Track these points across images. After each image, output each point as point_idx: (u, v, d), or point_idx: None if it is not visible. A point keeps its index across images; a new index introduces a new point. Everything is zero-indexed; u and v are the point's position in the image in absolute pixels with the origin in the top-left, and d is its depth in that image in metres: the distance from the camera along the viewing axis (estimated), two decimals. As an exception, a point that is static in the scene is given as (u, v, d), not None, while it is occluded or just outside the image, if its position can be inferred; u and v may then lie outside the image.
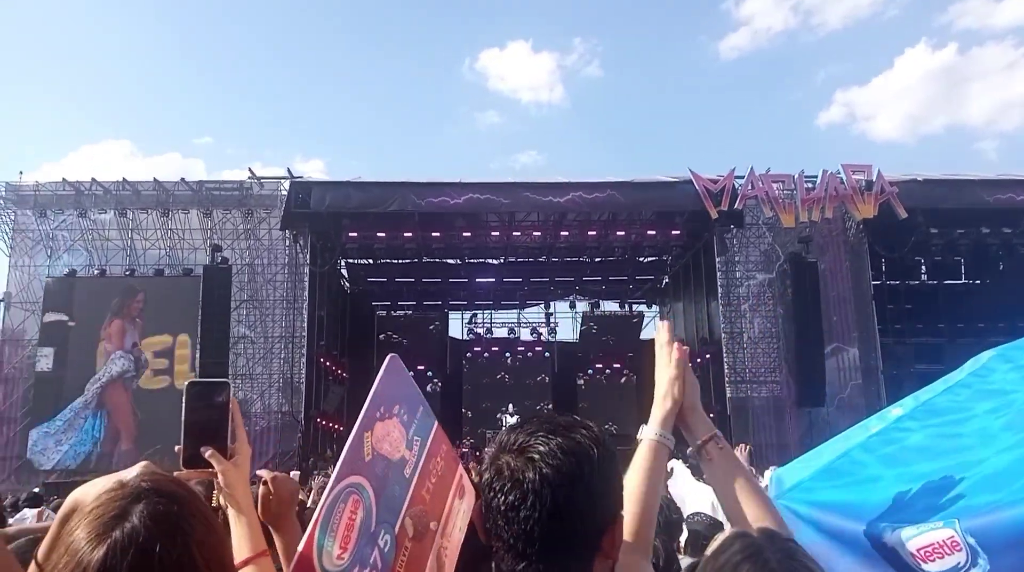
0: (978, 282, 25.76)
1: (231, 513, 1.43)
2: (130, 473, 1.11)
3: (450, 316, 30.53)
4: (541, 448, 1.16)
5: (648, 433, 1.65)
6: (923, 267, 25.67)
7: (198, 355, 20.12)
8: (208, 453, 1.39)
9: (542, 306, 30.73)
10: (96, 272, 21.65)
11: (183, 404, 1.41)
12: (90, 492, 1.08)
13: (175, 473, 1.39)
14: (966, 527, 1.57)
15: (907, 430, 2.07)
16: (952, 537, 1.58)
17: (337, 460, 1.36)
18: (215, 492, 1.43)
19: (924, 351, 23.99)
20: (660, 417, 1.68)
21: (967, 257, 25.10)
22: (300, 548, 1.23)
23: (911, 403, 2.29)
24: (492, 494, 1.17)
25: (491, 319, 31.01)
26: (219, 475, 1.40)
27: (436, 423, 1.66)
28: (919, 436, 2.02)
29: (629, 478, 1.55)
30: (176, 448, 1.40)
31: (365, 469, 1.37)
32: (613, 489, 1.23)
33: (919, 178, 21.52)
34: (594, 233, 23.21)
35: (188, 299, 20.52)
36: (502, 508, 1.15)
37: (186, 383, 1.45)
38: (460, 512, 1.66)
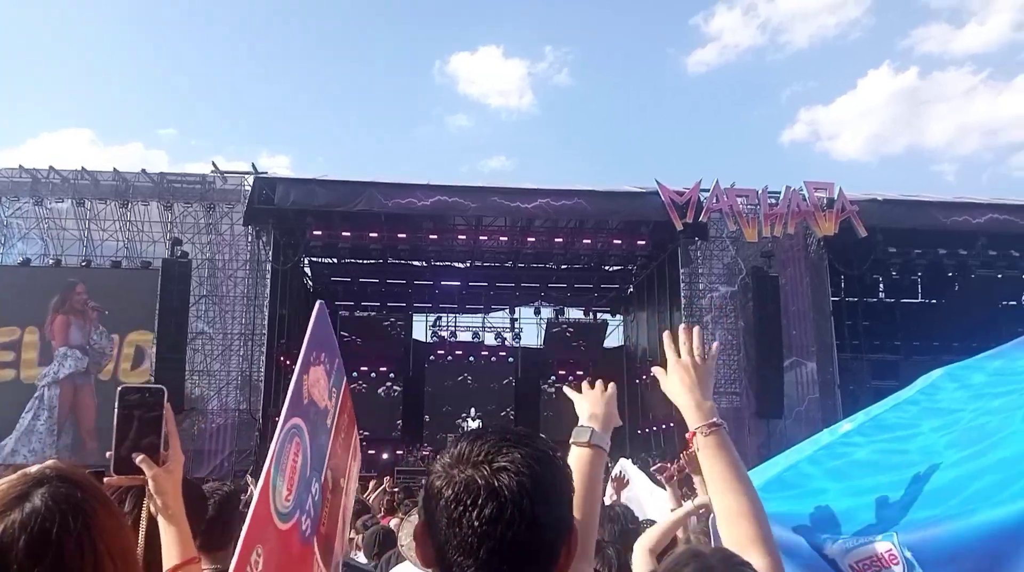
0: (934, 301, 26.38)
1: (160, 519, 1.41)
2: (36, 466, 1.11)
3: (414, 318, 30.42)
4: (510, 457, 1.14)
5: (593, 439, 1.66)
6: (881, 285, 26.19)
7: (154, 350, 19.73)
8: (139, 459, 1.37)
9: (507, 311, 30.74)
10: (51, 262, 21.14)
11: (115, 409, 1.39)
12: None
13: (106, 478, 1.37)
14: (904, 541, 1.59)
15: (854, 445, 2.09)
16: (890, 550, 1.60)
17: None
18: (146, 498, 1.41)
19: (880, 367, 24.50)
20: (603, 421, 1.72)
21: (924, 276, 25.67)
22: (259, 484, 1.23)
23: (861, 417, 2.32)
24: (461, 509, 1.11)
25: (455, 323, 30.94)
26: (150, 481, 1.38)
27: (345, 380, 1.67)
28: (865, 451, 2.04)
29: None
30: (107, 453, 1.38)
31: (303, 413, 1.37)
32: (570, 497, 1.22)
33: (879, 198, 21.96)
34: (560, 240, 23.28)
35: (144, 293, 20.10)
36: (475, 523, 1.10)
37: (119, 389, 1.42)
38: (354, 475, 1.68)
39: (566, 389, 1.94)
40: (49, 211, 21.34)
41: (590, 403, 1.75)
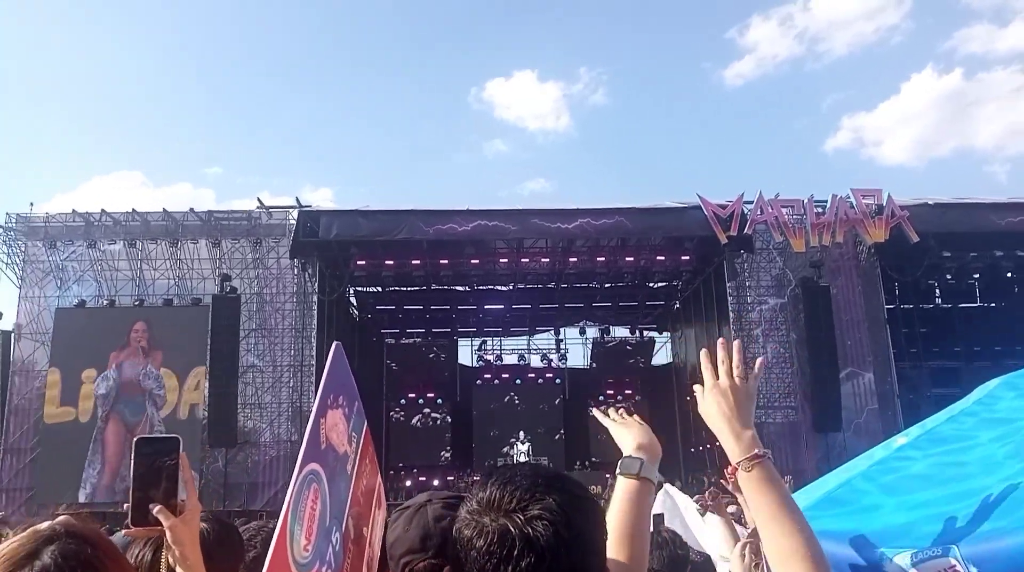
0: (993, 305, 25.55)
1: (179, 570, 1.40)
2: (46, 523, 1.11)
3: (459, 343, 30.49)
4: (545, 504, 1.10)
5: (643, 471, 1.57)
6: (937, 290, 25.50)
7: (207, 384, 20.11)
8: (156, 509, 1.35)
9: (552, 332, 30.63)
10: (105, 302, 21.75)
11: (131, 461, 1.39)
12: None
13: (123, 531, 1.36)
14: (967, 555, 1.49)
15: (909, 459, 2.00)
16: (954, 567, 1.50)
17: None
18: (164, 550, 1.40)
19: (940, 375, 23.74)
20: (650, 452, 1.62)
21: (981, 280, 24.94)
22: (276, 534, 1.19)
23: (916, 431, 2.21)
24: (495, 561, 1.07)
25: (501, 346, 30.94)
26: (167, 531, 1.36)
27: (366, 424, 1.62)
28: (921, 464, 1.94)
29: (618, 519, 1.46)
30: (124, 505, 1.38)
31: (321, 457, 1.34)
32: (604, 540, 1.18)
33: (930, 202, 21.42)
34: (603, 259, 23.18)
35: (198, 328, 20.54)
36: None
37: (134, 440, 1.42)
38: (379, 523, 1.60)
39: (597, 413, 1.82)
40: (102, 253, 22.00)
41: (635, 433, 1.65)
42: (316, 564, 1.26)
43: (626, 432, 1.66)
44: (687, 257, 23.11)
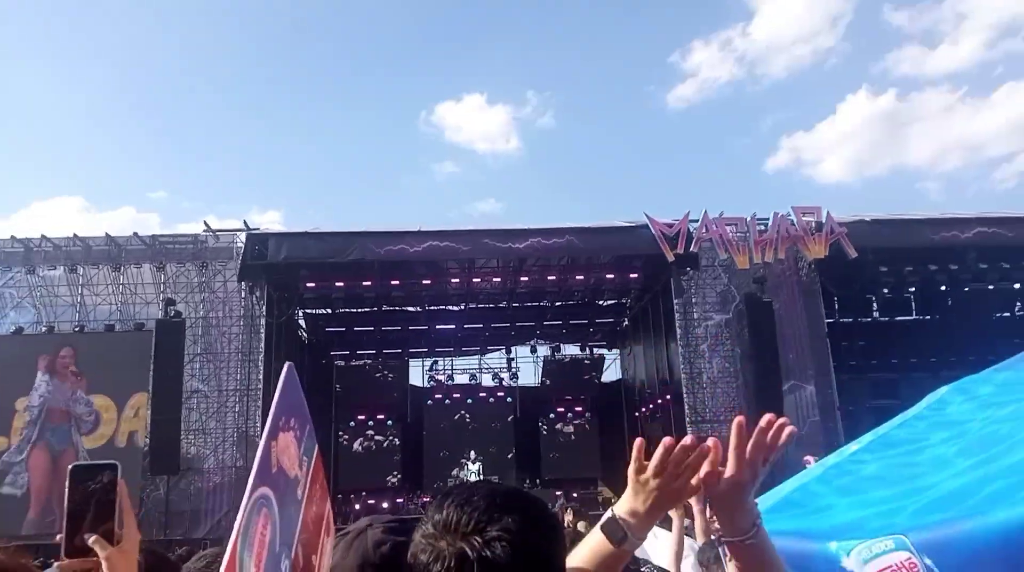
0: (928, 318, 26.45)
1: None
2: None
3: (410, 364, 30.25)
4: (503, 525, 1.07)
5: (624, 544, 1.35)
6: (875, 304, 26.28)
7: (149, 411, 19.54)
8: (92, 540, 1.30)
9: (503, 351, 30.64)
10: (44, 329, 21.01)
11: (66, 489, 1.33)
12: None
13: (57, 563, 1.32)
14: (919, 545, 1.57)
15: (862, 461, 2.09)
16: (910, 559, 1.58)
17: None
18: None
19: (879, 386, 24.50)
20: (642, 523, 1.37)
21: (917, 293, 25.79)
22: (225, 561, 1.13)
23: (869, 437, 2.32)
24: None
25: (452, 366, 30.80)
26: (103, 562, 1.30)
27: (317, 447, 1.56)
28: (874, 466, 2.04)
29: (582, 563, 1.34)
30: (57, 536, 1.32)
31: (272, 481, 1.28)
32: (565, 554, 1.17)
33: (867, 218, 22.15)
34: (553, 278, 23.36)
35: (139, 355, 19.95)
36: None
37: (70, 467, 1.36)
38: (327, 551, 1.53)
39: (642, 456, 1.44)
40: (42, 279, 21.28)
41: (634, 494, 1.36)
42: None
43: (636, 496, 1.36)
44: (635, 275, 23.44)
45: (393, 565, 1.33)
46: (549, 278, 23.38)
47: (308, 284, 22.21)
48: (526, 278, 23.49)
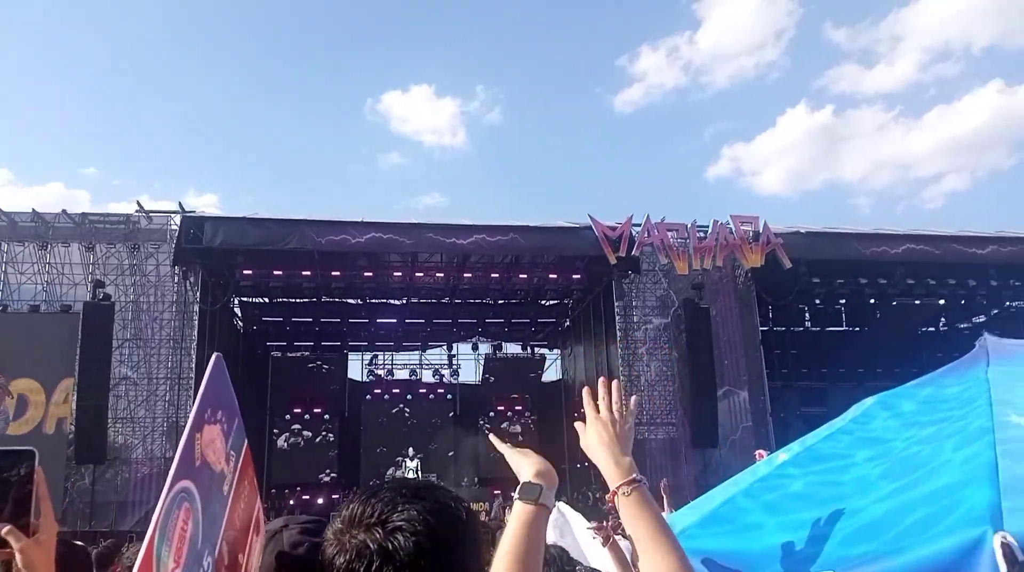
0: (857, 329, 27.33)
1: None
2: None
3: (349, 357, 29.86)
4: (406, 516, 1.06)
5: (541, 497, 1.45)
6: (807, 314, 27.02)
7: (75, 397, 18.83)
8: (5, 530, 1.23)
9: (444, 348, 30.51)
10: (-38, 307, 20.06)
11: None
12: None
13: None
14: None
15: (789, 477, 2.11)
16: None
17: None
18: None
19: (808, 394, 25.24)
20: (548, 479, 1.53)
21: (847, 305, 26.61)
22: (140, 556, 1.09)
23: (797, 448, 2.34)
24: None
25: (392, 361, 30.54)
26: (17, 554, 1.23)
27: (246, 442, 1.52)
28: (800, 483, 2.05)
29: (512, 544, 1.36)
30: None
31: (194, 475, 1.23)
32: (479, 545, 1.16)
33: (802, 230, 22.77)
34: (497, 275, 23.35)
35: (65, 338, 19.21)
36: None
37: None
38: (256, 551, 1.50)
39: (493, 438, 1.82)
40: (-39, 254, 20.33)
41: (533, 460, 1.58)
42: None
43: (522, 459, 1.60)
44: (578, 276, 23.60)
45: (309, 566, 1.28)
46: (492, 276, 23.36)
47: (245, 271, 21.68)
48: (469, 275, 23.42)
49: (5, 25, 57.47)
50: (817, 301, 25.62)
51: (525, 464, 1.57)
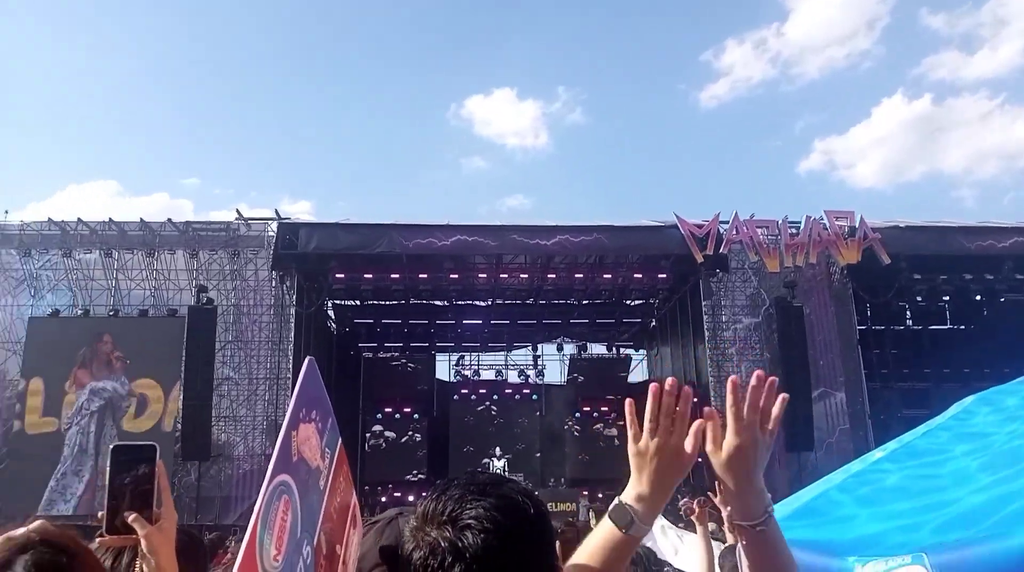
0: (963, 327, 25.97)
1: None
2: (21, 529, 1.10)
3: (437, 358, 30.36)
4: (474, 513, 1.09)
5: (631, 529, 1.32)
6: (908, 312, 25.88)
7: (181, 397, 19.89)
8: (131, 518, 1.34)
9: (529, 348, 30.65)
10: (79, 312, 21.46)
11: (107, 468, 1.37)
12: None
13: (98, 539, 1.37)
14: (935, 562, 1.56)
15: (884, 471, 2.07)
16: (916, 569, 1.56)
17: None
18: (138, 559, 1.38)
19: (910, 396, 24.07)
20: (649, 507, 1.35)
21: (951, 303, 25.35)
22: (245, 542, 1.16)
23: (893, 445, 2.30)
24: None
25: (478, 361, 30.86)
26: (142, 540, 1.34)
27: (340, 440, 1.60)
28: (896, 477, 2.02)
29: (590, 558, 1.31)
30: (99, 513, 1.36)
31: (291, 470, 1.31)
32: (549, 541, 1.17)
33: (901, 224, 21.83)
34: (581, 276, 23.32)
35: (173, 340, 20.34)
36: None
37: (111, 447, 1.40)
38: (354, 543, 1.57)
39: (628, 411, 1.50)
40: (78, 262, 21.75)
41: (646, 477, 1.34)
42: None
43: (638, 472, 1.37)
44: (664, 275, 23.33)
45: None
46: (577, 276, 23.35)
47: (337, 275, 22.43)
48: (553, 275, 23.48)
49: (114, 44, 61.15)
50: (919, 298, 24.51)
51: (636, 478, 1.37)
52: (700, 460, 1.44)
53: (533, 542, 1.12)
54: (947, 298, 24.90)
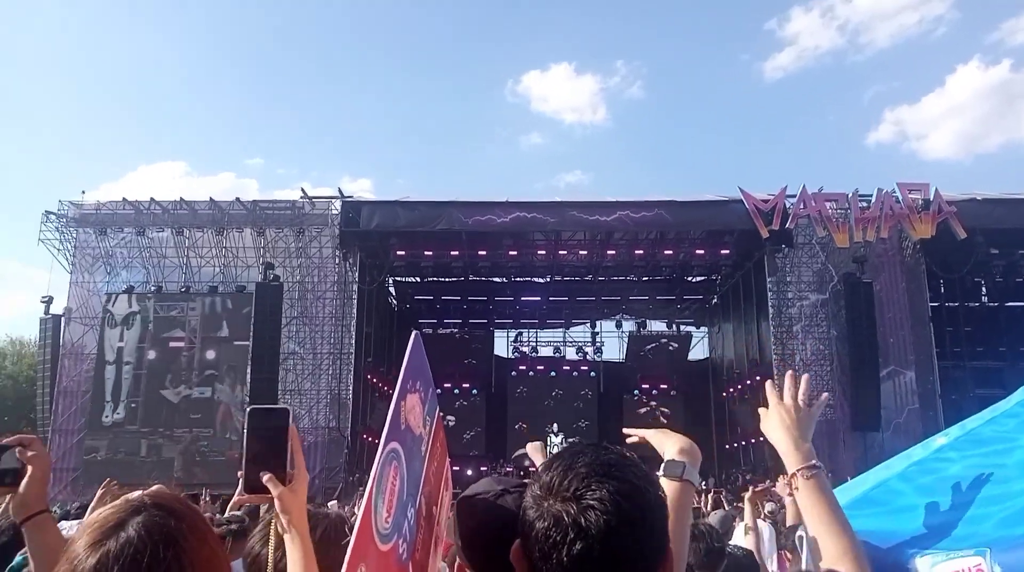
0: (1042, 304, 24.84)
1: (287, 538, 1.46)
2: (137, 492, 1.16)
3: (495, 334, 30.61)
4: (599, 494, 1.13)
5: (685, 474, 1.61)
6: (983, 289, 24.89)
7: (249, 370, 20.53)
8: (266, 478, 1.41)
9: (588, 325, 30.60)
10: (153, 289, 22.27)
11: (244, 430, 1.46)
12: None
13: (236, 497, 1.47)
14: (999, 560, 1.50)
15: (947, 460, 2.00)
16: (979, 565, 1.52)
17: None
18: (273, 517, 1.46)
19: (984, 375, 23.17)
20: (691, 456, 1.66)
21: (1030, 279, 24.24)
22: (362, 507, 1.25)
23: (956, 432, 2.21)
24: (551, 544, 1.13)
25: (537, 338, 30.98)
26: (276, 500, 1.42)
27: (439, 409, 1.70)
28: (959, 466, 1.94)
29: None
30: (238, 473, 1.44)
31: (400, 438, 1.40)
32: (664, 527, 1.21)
33: (978, 197, 20.94)
34: (641, 252, 23.09)
35: (241, 315, 21.04)
36: (564, 560, 1.12)
37: (248, 409, 1.48)
38: (447, 504, 1.68)
39: (629, 431, 1.92)
40: (150, 240, 22.53)
41: (676, 439, 1.69)
42: (395, 536, 1.34)
43: (665, 438, 1.70)
44: (727, 251, 22.92)
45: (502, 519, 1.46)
46: (637, 252, 23.12)
47: (398, 252, 22.73)
48: (613, 252, 23.30)
49: (177, 26, 62.70)
50: (996, 274, 23.56)
51: (668, 443, 1.67)
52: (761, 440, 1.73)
53: (651, 527, 1.16)
54: (1027, 274, 23.82)
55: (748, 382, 23.87)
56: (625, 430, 1.89)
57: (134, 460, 20.75)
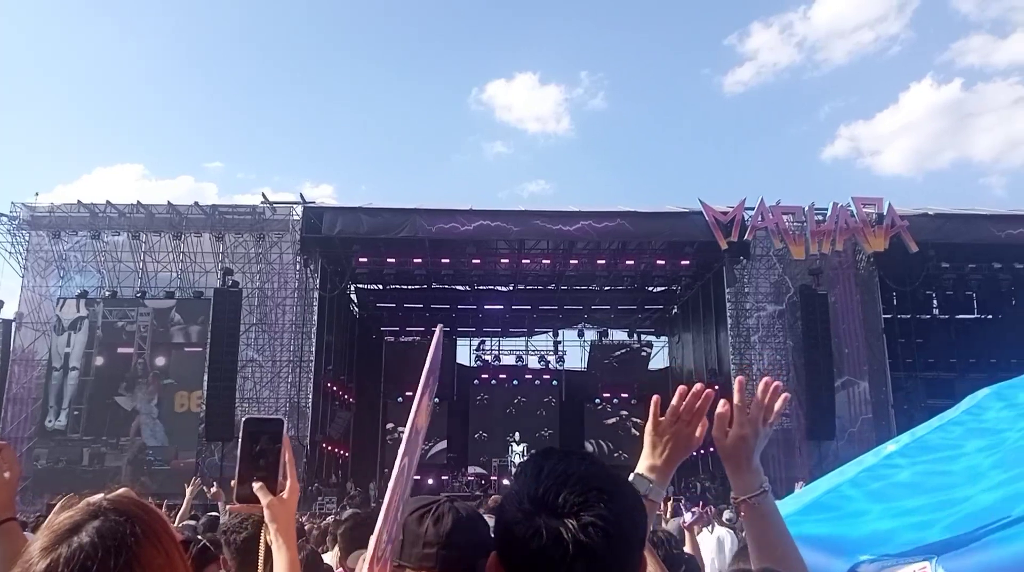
0: (990, 317, 25.59)
1: (273, 547, 1.45)
2: (99, 495, 1.14)
3: (458, 343, 30.48)
4: (596, 512, 1.11)
5: (651, 493, 1.52)
6: (935, 301, 25.52)
7: (206, 378, 20.16)
8: (257, 486, 1.42)
9: (550, 334, 30.68)
10: (107, 294, 21.76)
11: (239, 440, 1.46)
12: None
13: (229, 506, 1.44)
14: (943, 564, 1.55)
15: (896, 467, 2.06)
16: (924, 568, 1.57)
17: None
18: (263, 528, 1.46)
19: (935, 386, 23.80)
20: (661, 475, 1.57)
21: (979, 292, 24.96)
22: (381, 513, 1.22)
23: (906, 439, 2.29)
24: (548, 563, 1.10)
25: (499, 346, 30.97)
26: (265, 509, 1.42)
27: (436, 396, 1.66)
28: (908, 472, 2.01)
29: None
30: (232, 483, 1.45)
31: (411, 450, 1.35)
32: (644, 540, 1.22)
33: (930, 212, 21.50)
34: (603, 262, 23.24)
35: (197, 322, 20.66)
36: None
37: (243, 420, 1.49)
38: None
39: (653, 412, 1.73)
40: (105, 244, 22.01)
41: (659, 454, 1.57)
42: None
43: (651, 448, 1.58)
44: (687, 262, 23.19)
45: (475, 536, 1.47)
46: (599, 262, 23.27)
47: (360, 259, 22.54)
48: (575, 261, 23.43)
49: (135, 27, 61.59)
50: (946, 287, 24.17)
51: (649, 453, 1.58)
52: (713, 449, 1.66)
53: (640, 541, 1.17)
54: (975, 287, 24.52)
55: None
56: (655, 398, 1.69)
57: (75, 469, 20.03)
